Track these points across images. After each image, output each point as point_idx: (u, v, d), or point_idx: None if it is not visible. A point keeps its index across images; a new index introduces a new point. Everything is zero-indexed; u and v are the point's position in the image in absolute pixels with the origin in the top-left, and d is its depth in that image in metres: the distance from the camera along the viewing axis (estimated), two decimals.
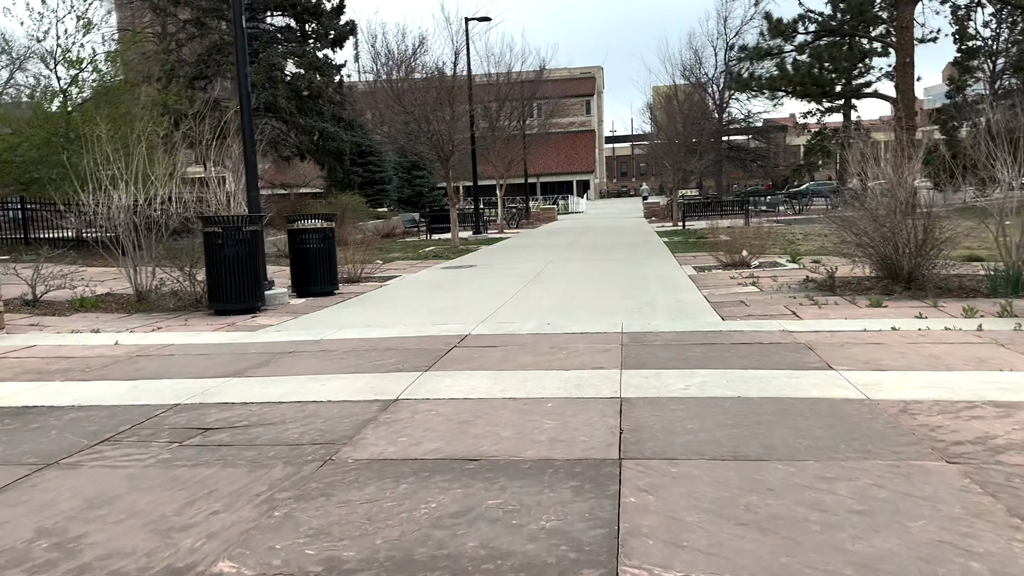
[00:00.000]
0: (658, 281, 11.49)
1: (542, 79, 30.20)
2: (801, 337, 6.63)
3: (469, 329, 7.61)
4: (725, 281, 11.12)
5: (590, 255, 17.03)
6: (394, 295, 11.17)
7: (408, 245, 24.17)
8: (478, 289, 11.40)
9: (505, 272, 13.89)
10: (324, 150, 31.61)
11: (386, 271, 15.16)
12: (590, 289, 10.79)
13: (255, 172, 10.49)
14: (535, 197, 69.54)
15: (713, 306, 8.75)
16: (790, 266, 12.64)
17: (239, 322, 8.91)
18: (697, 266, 13.47)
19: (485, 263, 16.16)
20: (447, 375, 5.63)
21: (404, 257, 19.13)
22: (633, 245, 19.64)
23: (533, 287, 11.29)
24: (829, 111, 43.67)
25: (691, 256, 15.66)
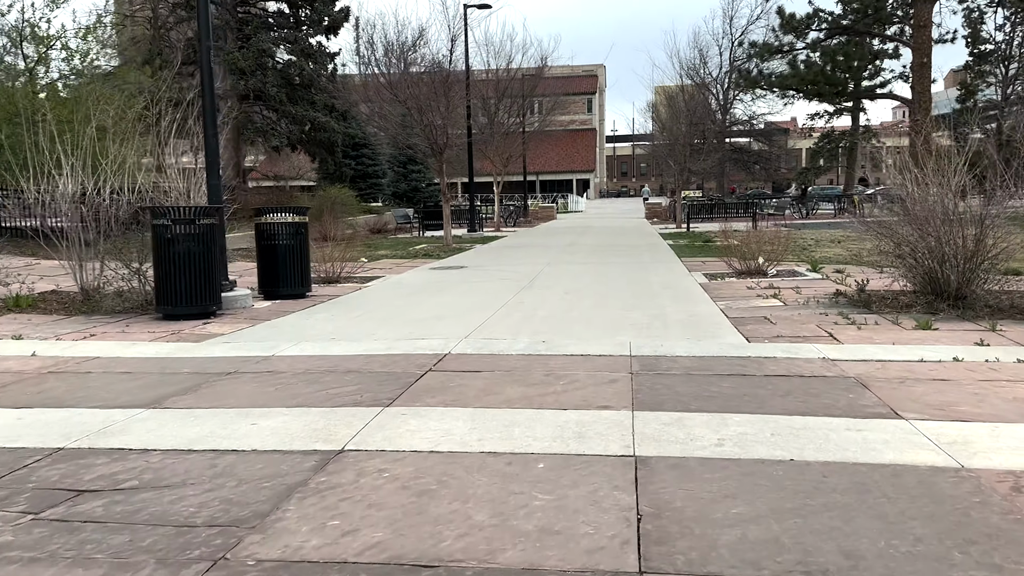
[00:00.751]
0: (667, 290, 10.33)
1: (543, 74, 29.00)
2: (848, 368, 5.47)
3: (450, 346, 6.45)
4: (742, 292, 9.96)
5: (590, 258, 15.87)
6: (372, 300, 9.99)
7: (399, 242, 22.98)
8: (466, 295, 10.23)
9: (498, 275, 12.72)
10: (315, 141, 30.40)
11: (370, 271, 13.98)
12: (591, 298, 9.63)
13: (216, 157, 9.32)
14: (534, 195, 68.37)
15: (733, 323, 7.59)
16: (811, 276, 11.48)
17: (186, 330, 7.73)
18: (708, 273, 12.31)
19: (477, 264, 14.99)
20: (413, 413, 4.46)
21: (392, 255, 17.96)
22: (636, 248, 18.48)
23: (527, 294, 10.12)
24: (837, 113, 42.56)
25: (699, 261, 14.50)
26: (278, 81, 28.47)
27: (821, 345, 6.32)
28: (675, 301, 9.23)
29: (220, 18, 29.66)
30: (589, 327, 7.47)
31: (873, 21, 25.68)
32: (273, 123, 29.87)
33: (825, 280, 10.93)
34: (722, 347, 6.33)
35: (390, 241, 23.60)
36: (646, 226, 29.53)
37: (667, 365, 5.66)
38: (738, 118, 64.01)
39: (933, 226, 7.97)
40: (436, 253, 18.02)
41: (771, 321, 7.60)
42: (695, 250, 17.28)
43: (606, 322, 7.76)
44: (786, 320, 7.64)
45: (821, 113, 43.32)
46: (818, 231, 24.35)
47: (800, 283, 10.59)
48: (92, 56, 18.74)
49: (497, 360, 5.94)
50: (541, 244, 20.74)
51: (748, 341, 6.62)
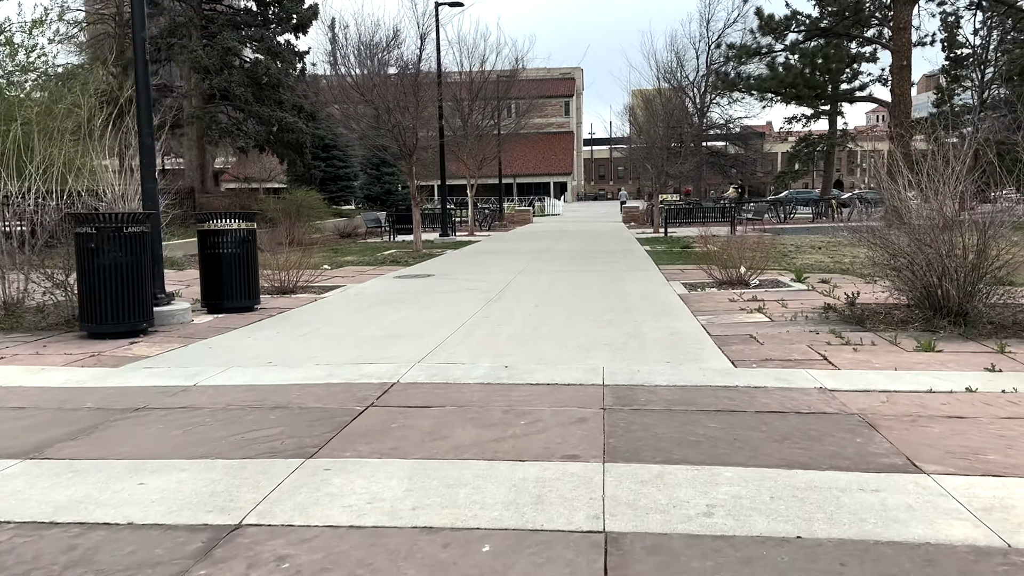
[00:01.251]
0: (645, 302, 9.63)
1: (518, 75, 28.27)
2: (850, 401, 4.79)
3: (400, 373, 5.69)
4: (724, 304, 9.29)
5: (566, 265, 15.17)
6: (325, 314, 9.20)
7: (367, 247, 22.16)
8: (428, 308, 9.47)
9: (466, 285, 11.97)
10: (283, 142, 29.46)
11: (330, 279, 13.18)
12: (564, 312, 8.91)
13: (151, 158, 8.48)
14: (510, 198, 67.74)
15: (717, 342, 6.90)
16: (796, 286, 10.85)
17: (109, 351, 6.91)
18: (687, 282, 11.64)
19: (446, 272, 14.23)
20: (339, 468, 3.70)
21: (359, 261, 17.16)
22: (613, 254, 17.81)
23: (495, 307, 9.38)
24: (815, 117, 42.29)
25: (678, 269, 13.84)
26: (244, 80, 27.52)
27: (816, 371, 5.64)
28: (653, 315, 8.53)
29: (184, 15, 28.69)
30: (559, 347, 6.74)
31: (852, 23, 25.28)
32: (239, 123, 28.91)
33: (811, 291, 10.29)
34: (706, 373, 5.62)
35: (359, 246, 22.77)
36: (623, 230, 28.90)
37: (644, 397, 4.95)
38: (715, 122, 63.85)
39: (932, 236, 7.34)
40: (404, 259, 17.23)
41: (758, 340, 6.92)
42: (673, 256, 16.64)
43: (578, 341, 7.04)
44: (774, 339, 6.96)
45: (799, 117, 43.08)
46: (798, 236, 23.88)
47: (785, 295, 9.94)
48: (39, 52, 17.69)
49: (451, 391, 5.19)
50: (515, 250, 20.02)
51: (734, 365, 5.93)
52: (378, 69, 18.20)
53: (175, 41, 28.30)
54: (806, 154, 40.99)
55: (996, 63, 40.88)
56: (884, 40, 24.21)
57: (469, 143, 26.78)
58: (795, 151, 41.69)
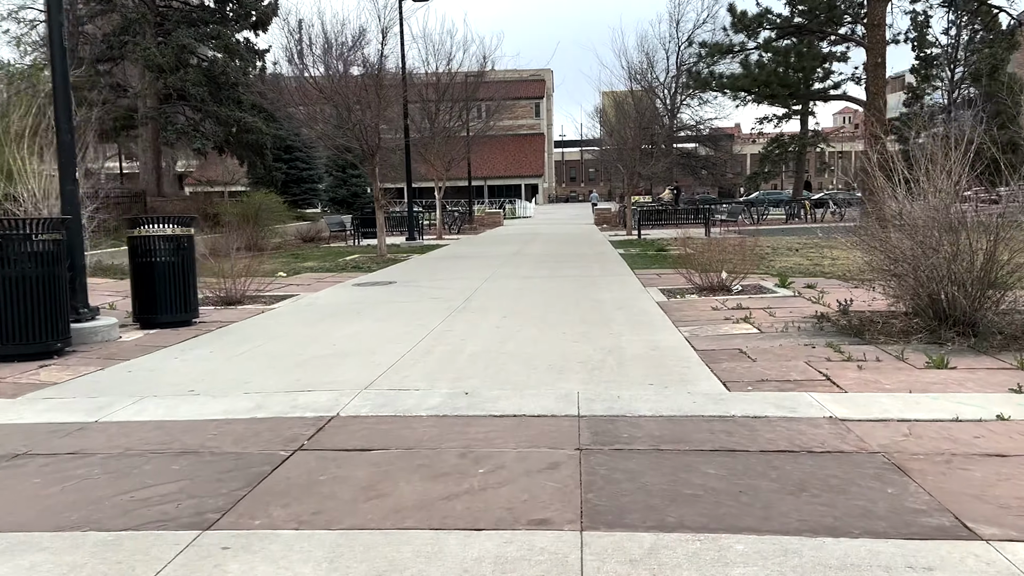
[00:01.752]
0: (621, 311, 8.89)
1: (484, 73, 27.48)
2: (868, 435, 4.08)
3: (341, 404, 4.88)
4: (707, 313, 8.58)
5: (536, 270, 14.41)
6: (270, 328, 8.34)
7: (330, 252, 21.24)
8: (386, 320, 8.65)
9: (429, 293, 11.16)
10: (242, 143, 28.39)
11: (284, 287, 12.30)
12: (533, 324, 8.13)
13: (71, 157, 7.56)
14: (481, 200, 66.95)
15: (704, 358, 6.17)
16: (781, 292, 10.18)
17: (11, 377, 6.00)
18: (665, 288, 10.94)
19: (409, 279, 13.39)
20: (242, 545, 2.89)
21: (319, 267, 16.26)
22: (586, 257, 17.09)
23: (458, 319, 8.58)
24: (786, 117, 42.03)
25: (654, 274, 13.14)
26: (200, 79, 26.44)
27: (820, 395, 4.92)
28: (631, 327, 7.79)
29: (137, 11, 27.54)
30: (528, 368, 5.96)
31: (825, 20, 24.86)
32: (197, 124, 27.81)
33: (798, 298, 9.63)
34: (696, 400, 4.88)
35: (321, 251, 21.84)
36: (596, 233, 28.23)
37: (627, 433, 4.19)
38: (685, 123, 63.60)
39: (937, 238, 6.67)
40: (367, 265, 16.36)
41: (749, 356, 6.19)
42: (648, 260, 15.96)
43: (549, 360, 6.26)
44: (767, 354, 6.25)
45: (770, 117, 42.78)
46: (773, 238, 23.34)
47: (771, 302, 9.25)
48: None
49: (399, 427, 4.39)
50: (484, 254, 19.23)
51: (727, 388, 5.19)
52: (338, 65, 17.32)
53: (128, 39, 27.14)
54: (778, 155, 40.70)
55: (966, 62, 40.94)
56: (858, 37, 23.86)
57: (437, 144, 25.95)
58: (767, 152, 41.38)
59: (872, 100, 24.55)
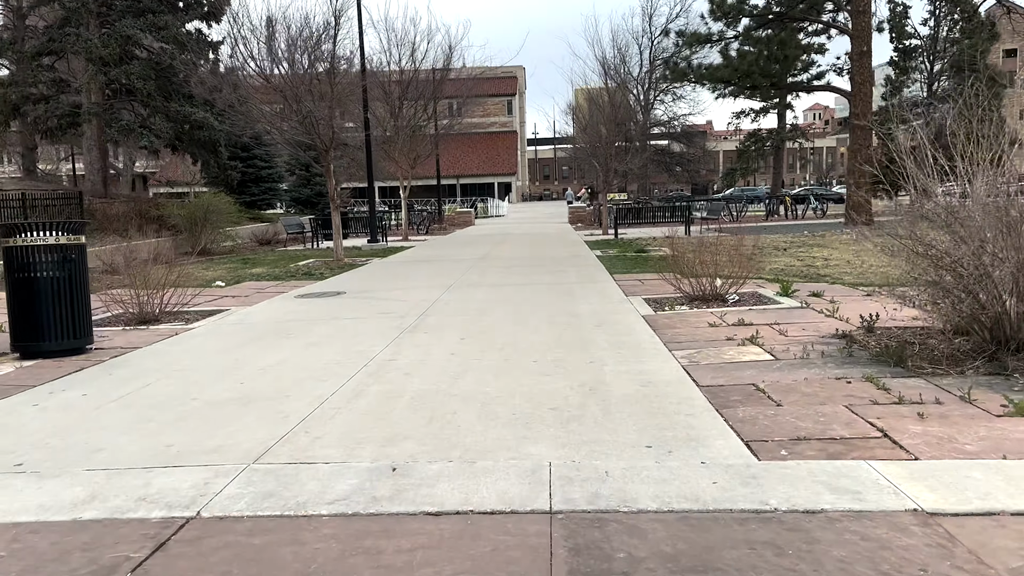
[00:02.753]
0: (602, 329, 7.48)
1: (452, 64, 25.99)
2: (979, 544, 2.72)
3: (211, 492, 3.42)
4: (704, 330, 7.21)
5: (505, 276, 12.97)
6: (173, 359, 6.82)
7: (284, 256, 19.65)
8: (319, 344, 7.17)
9: (381, 306, 9.69)
10: (194, 140, 26.63)
11: (218, 299, 10.78)
12: (497, 349, 6.70)
13: None
14: (453, 199, 65.40)
15: (711, 398, 4.79)
16: (785, 302, 8.83)
17: None
18: (651, 297, 9.57)
19: (362, 288, 11.90)
20: None
21: (266, 274, 14.70)
22: (560, 261, 15.69)
23: (408, 342, 7.13)
24: (763, 112, 40.98)
25: (636, 279, 11.77)
26: (146, 73, 24.67)
27: (885, 465, 3.55)
28: (615, 351, 6.39)
29: (78, 0, 25.66)
30: (485, 419, 4.53)
31: (807, 8, 23.71)
32: (144, 120, 26.03)
33: (806, 309, 8.29)
34: (716, 477, 3.47)
35: (275, 255, 20.24)
36: (570, 232, 26.84)
37: (625, 549, 2.78)
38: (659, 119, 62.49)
39: (1001, 240, 5.34)
40: (320, 272, 14.83)
41: (771, 397, 4.81)
42: (628, 263, 14.59)
43: (514, 404, 4.84)
44: (793, 393, 4.87)
45: (747, 111, 41.70)
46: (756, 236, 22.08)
47: (777, 315, 7.90)
48: None
49: (283, 540, 2.94)
50: (450, 257, 17.76)
51: (754, 454, 3.79)
52: (287, 51, 15.75)
53: (71, 31, 25.29)
54: (755, 150, 39.62)
55: (945, 53, 40.15)
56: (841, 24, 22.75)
57: (401, 140, 24.42)
58: (744, 147, 40.29)
59: (858, 89, 23.42)
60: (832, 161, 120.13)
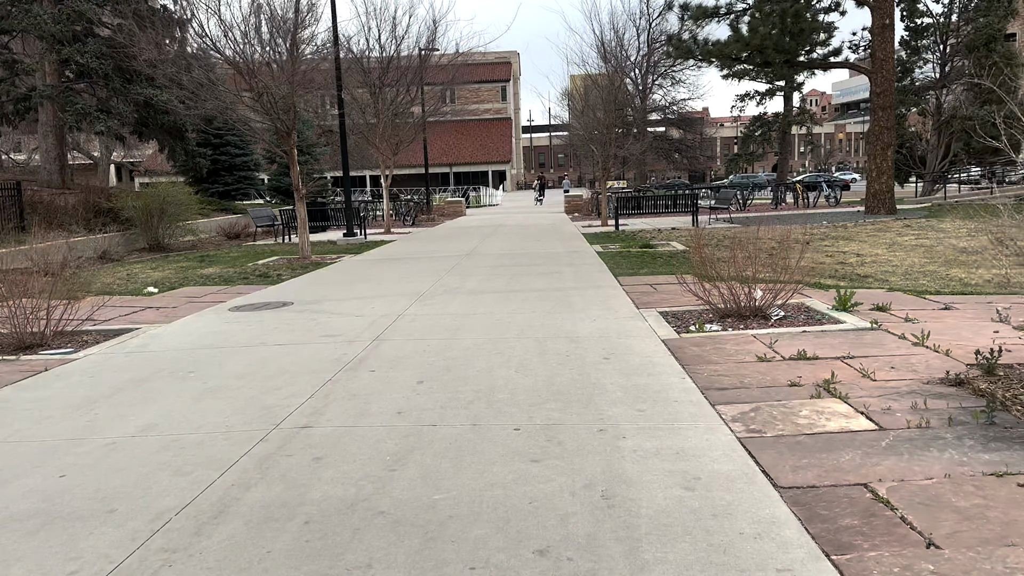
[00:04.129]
0: (612, 365, 5.49)
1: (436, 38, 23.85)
2: None
3: None
4: (752, 367, 5.23)
5: (490, 279, 10.97)
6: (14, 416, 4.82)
7: (248, 253, 17.61)
8: (217, 394, 5.17)
9: (327, 324, 7.69)
10: (159, 126, 24.51)
11: (140, 312, 8.78)
12: (464, 405, 4.72)
13: None
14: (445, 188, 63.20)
15: (807, 523, 2.83)
16: (847, 321, 6.84)
17: None
18: (669, 311, 7.59)
19: (315, 296, 9.89)
20: None
21: (216, 276, 12.67)
22: (555, 259, 13.68)
23: (339, 393, 5.14)
24: (770, 94, 38.87)
25: (646, 284, 9.79)
26: (102, 51, 22.53)
27: None
28: (635, 407, 4.41)
29: None
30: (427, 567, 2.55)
31: None
32: (104, 104, 23.89)
33: (878, 331, 6.31)
34: None
35: (239, 251, 18.19)
36: (566, 224, 24.81)
37: None
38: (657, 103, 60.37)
39: None
40: (276, 273, 12.80)
41: (910, 523, 2.84)
42: (634, 262, 12.59)
43: (475, 540, 2.86)
44: (943, 513, 2.90)
45: (752, 94, 39.59)
46: (770, 227, 20.08)
47: (847, 343, 5.92)
48: None
49: None
50: (431, 254, 15.75)
51: None
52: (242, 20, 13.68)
53: (20, 6, 23.12)
54: (761, 135, 37.54)
55: (959, 32, 38.08)
56: None
57: (382, 124, 22.33)
58: (749, 132, 38.19)
59: (880, 66, 21.39)
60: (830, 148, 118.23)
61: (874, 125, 21.98)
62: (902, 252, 13.45)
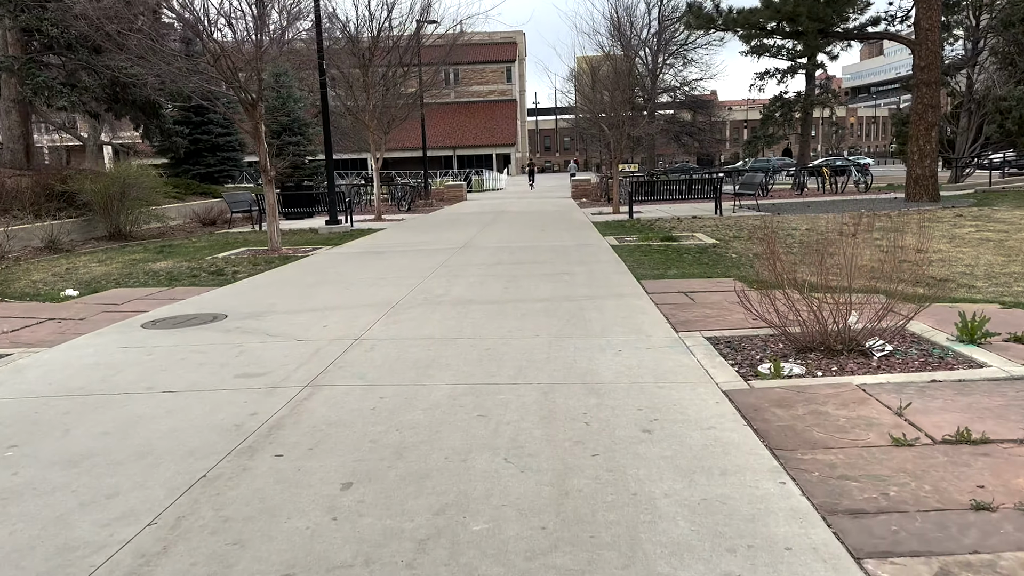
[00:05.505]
0: (657, 445, 3.46)
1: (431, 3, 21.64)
2: None
3: None
4: (887, 459, 3.20)
5: (483, 284, 8.94)
6: None
7: (216, 243, 15.59)
8: (25, 500, 3.17)
9: (253, 354, 5.68)
10: (130, 101, 22.43)
11: (31, 326, 6.78)
12: (411, 543, 2.71)
13: None
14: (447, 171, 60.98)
15: None
16: (989, 363, 4.78)
17: None
18: (720, 336, 5.56)
19: (262, 307, 7.87)
20: None
21: (162, 274, 10.67)
22: (564, 254, 11.63)
23: (216, 505, 3.13)
24: (791, 72, 36.56)
25: (678, 290, 7.74)
26: (62, 17, 20.44)
27: None
28: (716, 559, 2.38)
29: None
30: None
31: None
32: (69, 76, 21.82)
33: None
34: None
35: (208, 240, 16.18)
36: (574, 211, 22.73)
37: None
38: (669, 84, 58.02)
39: None
40: (233, 270, 10.79)
41: None
42: (657, 258, 10.54)
43: None
44: None
45: (772, 72, 37.26)
46: (800, 215, 17.95)
47: (1018, 406, 3.88)
48: None
49: None
50: (420, 246, 13.72)
51: None
52: None
53: None
54: (781, 116, 35.26)
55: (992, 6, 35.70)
56: None
57: (371, 100, 20.22)
58: (768, 112, 35.90)
59: (924, 36, 19.20)
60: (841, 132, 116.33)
61: (917, 103, 19.79)
62: (968, 248, 11.37)
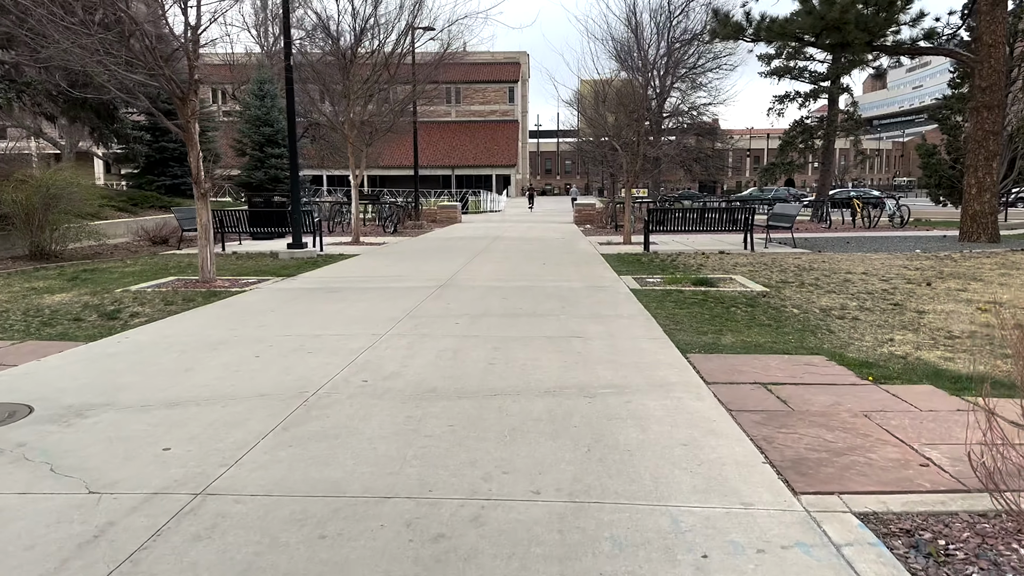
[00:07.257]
0: None
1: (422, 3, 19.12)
2: None
3: None
4: None
5: (458, 355, 6.25)
6: None
7: (144, 269, 12.87)
8: None
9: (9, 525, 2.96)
10: (81, 103, 19.80)
11: None
12: None
13: None
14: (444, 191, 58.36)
15: None
16: None
17: None
18: (890, 514, 2.88)
19: (109, 392, 5.17)
20: None
21: (33, 316, 7.97)
22: (571, 302, 8.95)
23: None
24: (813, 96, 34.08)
25: (756, 382, 5.06)
26: None
27: None
28: None
29: None
30: None
31: None
32: (9, 71, 19.24)
33: None
34: None
35: (140, 265, 13.46)
36: (578, 239, 20.10)
37: None
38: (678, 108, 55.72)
39: None
40: (132, 313, 8.08)
41: None
42: (698, 312, 7.84)
43: None
44: None
45: (792, 95, 34.79)
46: (845, 253, 15.32)
47: None
48: None
49: None
50: (390, 282, 11.03)
51: None
52: None
53: None
54: (802, 142, 32.82)
55: None
56: None
57: (351, 105, 17.61)
58: (788, 138, 33.44)
59: (987, 52, 16.70)
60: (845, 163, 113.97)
61: (976, 129, 17.23)
62: None
